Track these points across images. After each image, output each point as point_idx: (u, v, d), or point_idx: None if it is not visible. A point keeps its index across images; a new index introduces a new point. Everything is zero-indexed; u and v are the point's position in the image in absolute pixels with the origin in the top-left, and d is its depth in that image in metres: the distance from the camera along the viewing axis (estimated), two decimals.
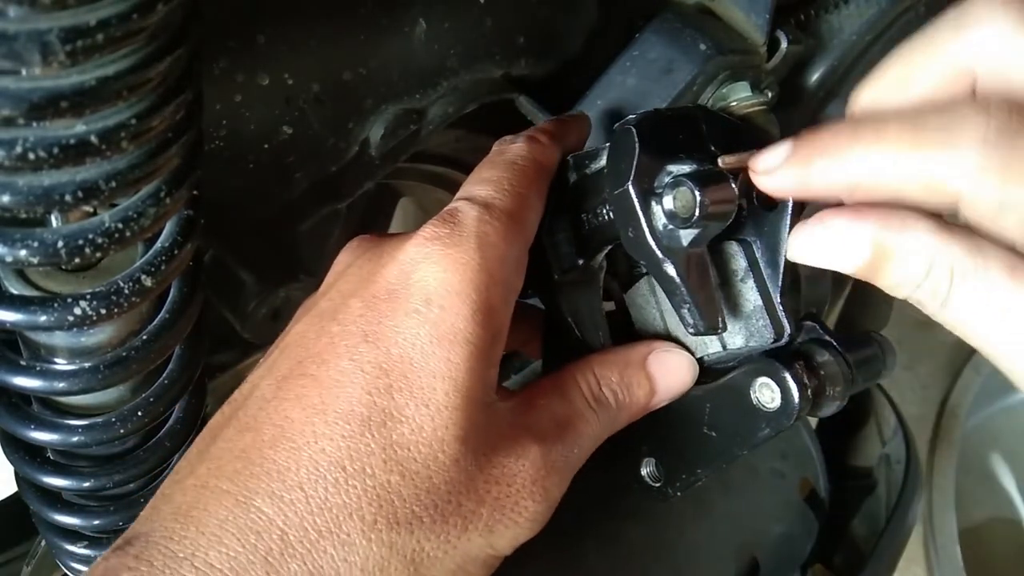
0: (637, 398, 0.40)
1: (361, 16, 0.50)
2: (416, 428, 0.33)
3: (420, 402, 0.33)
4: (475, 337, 0.34)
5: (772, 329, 0.38)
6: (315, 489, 0.31)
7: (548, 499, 0.36)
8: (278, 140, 0.49)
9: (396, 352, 0.34)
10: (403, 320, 0.34)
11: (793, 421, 0.36)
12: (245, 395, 0.36)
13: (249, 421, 0.34)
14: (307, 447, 0.32)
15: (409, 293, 0.35)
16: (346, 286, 0.37)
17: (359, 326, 0.35)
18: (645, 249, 0.36)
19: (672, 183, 0.35)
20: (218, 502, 0.31)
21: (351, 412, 0.33)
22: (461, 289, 0.35)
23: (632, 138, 0.36)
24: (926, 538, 1.43)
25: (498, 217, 0.37)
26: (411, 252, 0.36)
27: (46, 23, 0.25)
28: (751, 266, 0.38)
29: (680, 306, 0.36)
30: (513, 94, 0.58)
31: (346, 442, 0.32)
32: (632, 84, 0.55)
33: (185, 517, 0.31)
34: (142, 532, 0.31)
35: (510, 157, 0.40)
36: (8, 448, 0.44)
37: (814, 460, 0.65)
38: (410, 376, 0.33)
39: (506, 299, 0.37)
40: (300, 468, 0.32)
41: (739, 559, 0.59)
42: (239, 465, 0.32)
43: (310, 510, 0.31)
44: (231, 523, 0.31)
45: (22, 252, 0.32)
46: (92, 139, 0.29)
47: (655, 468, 0.42)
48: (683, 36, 0.54)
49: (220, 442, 0.34)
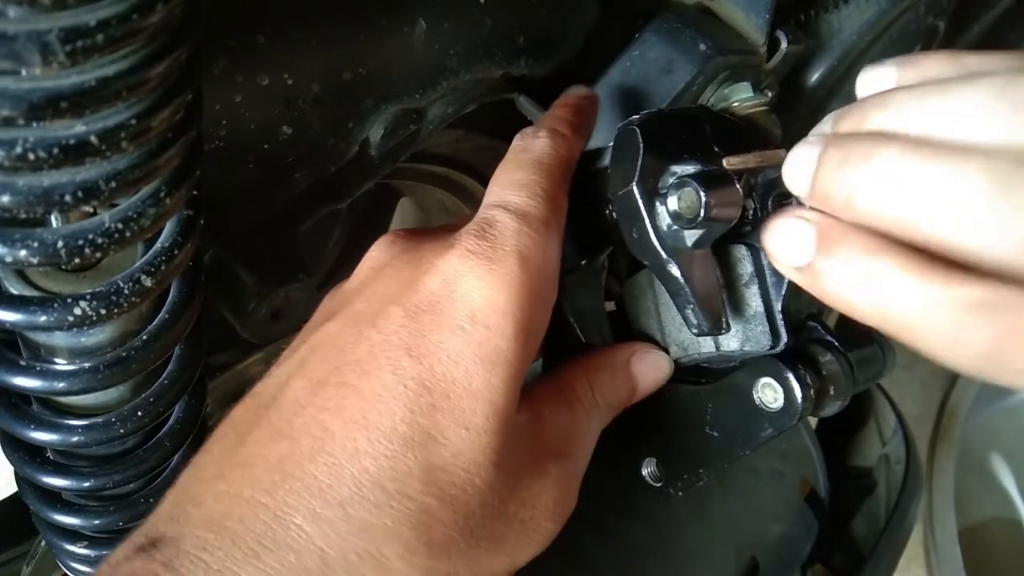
0: (621, 399, 0.40)
1: (361, 16, 0.50)
2: (456, 452, 0.32)
3: (460, 424, 0.32)
4: (516, 359, 0.34)
5: (770, 336, 0.38)
6: (356, 509, 0.30)
7: (564, 518, 0.36)
8: (278, 140, 0.49)
9: (440, 370, 0.33)
10: (447, 337, 0.33)
11: (796, 421, 0.36)
12: (273, 392, 0.35)
13: (284, 427, 0.33)
14: (348, 464, 0.31)
15: (453, 308, 0.34)
16: (384, 289, 0.36)
17: (401, 337, 0.34)
18: (649, 250, 0.36)
19: (677, 183, 0.35)
20: (255, 515, 0.30)
21: (393, 430, 0.32)
22: (507, 308, 0.34)
23: (636, 138, 0.36)
24: (926, 538, 1.42)
25: (536, 228, 0.36)
26: (454, 263, 0.35)
27: (46, 23, 0.25)
28: (757, 272, 0.38)
29: (684, 306, 0.36)
30: (513, 94, 0.58)
31: (388, 461, 0.31)
32: (632, 84, 0.55)
33: (219, 527, 0.30)
34: (170, 536, 0.30)
35: (537, 155, 0.40)
36: (8, 448, 0.44)
37: (814, 460, 0.65)
38: (452, 397, 0.32)
39: (545, 314, 0.36)
40: (342, 486, 0.31)
41: (739, 559, 0.59)
42: (276, 477, 0.31)
43: (351, 531, 0.30)
44: (269, 539, 0.30)
45: (22, 252, 0.32)
46: (92, 139, 0.29)
47: (656, 468, 0.42)
48: (683, 36, 0.54)
49: (251, 446, 0.33)
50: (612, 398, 0.40)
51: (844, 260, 0.29)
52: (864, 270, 0.28)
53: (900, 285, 0.27)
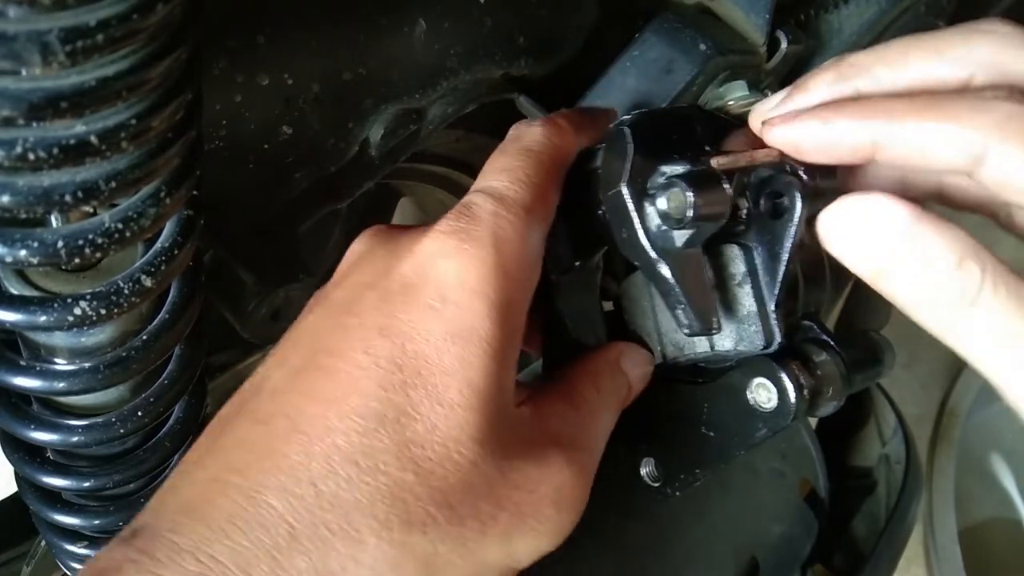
0: (621, 398, 0.40)
1: (361, 16, 0.50)
2: (430, 427, 0.32)
3: (434, 400, 0.33)
4: (490, 336, 0.34)
5: (763, 336, 0.37)
6: (327, 485, 0.31)
7: (573, 508, 0.35)
8: (278, 140, 0.49)
9: (411, 348, 0.33)
10: (419, 315, 0.34)
11: (790, 421, 0.36)
12: (256, 386, 0.35)
13: (260, 413, 0.33)
14: (320, 441, 0.31)
15: (425, 288, 0.34)
16: (361, 277, 0.37)
17: (374, 319, 0.34)
18: (639, 250, 0.36)
19: (665, 184, 0.35)
20: (226, 496, 0.31)
21: (365, 407, 0.32)
22: (477, 287, 0.34)
23: (626, 139, 0.36)
24: (926, 538, 1.42)
25: (514, 211, 0.36)
26: (428, 246, 0.35)
27: (46, 23, 0.25)
28: (750, 272, 0.38)
29: (674, 307, 0.36)
30: (513, 94, 0.58)
31: (360, 438, 0.31)
32: (632, 84, 0.55)
33: (192, 510, 0.31)
34: (148, 524, 0.31)
35: (526, 144, 0.40)
36: (8, 448, 0.44)
37: (814, 460, 0.65)
38: (424, 373, 0.33)
39: (523, 296, 0.36)
40: (312, 463, 0.31)
41: (739, 559, 0.59)
42: (250, 458, 0.32)
43: (321, 506, 0.30)
44: (239, 517, 0.30)
45: (22, 252, 0.32)
46: (92, 139, 0.29)
47: (654, 468, 0.42)
48: (683, 36, 0.54)
49: (229, 434, 0.33)
50: (614, 397, 0.40)
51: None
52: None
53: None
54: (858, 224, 0.31)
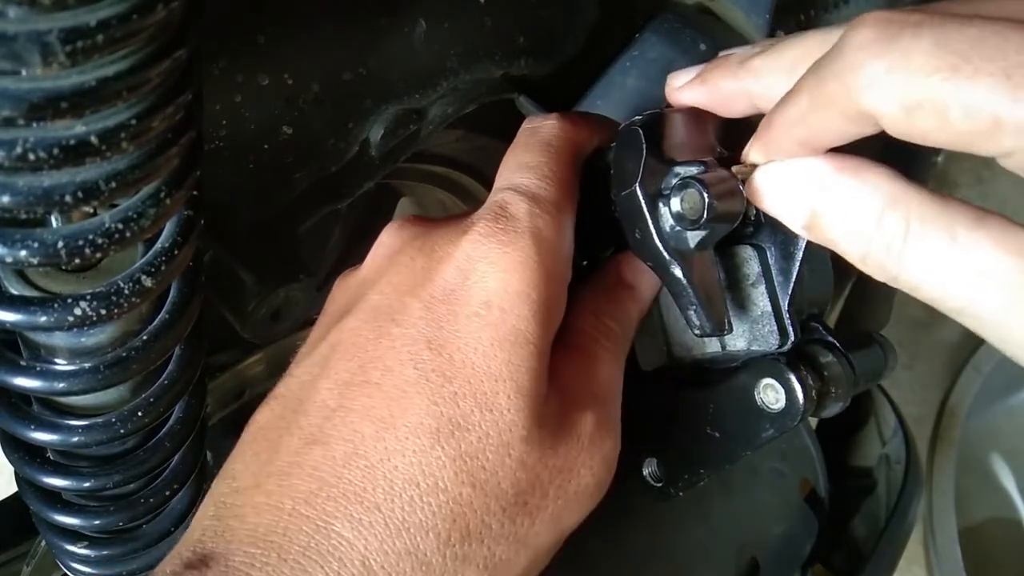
0: (629, 313, 0.40)
1: (361, 16, 0.50)
2: (483, 435, 0.32)
3: (484, 408, 0.33)
4: (535, 337, 0.34)
5: (777, 336, 0.38)
6: (391, 510, 0.31)
7: (606, 461, 0.36)
8: (278, 140, 0.49)
9: (459, 358, 0.33)
10: (464, 324, 0.34)
11: (797, 422, 0.36)
12: (298, 394, 0.35)
13: (315, 432, 0.33)
14: (380, 465, 0.32)
15: (468, 295, 0.34)
16: (399, 279, 0.36)
17: (420, 330, 0.34)
18: (652, 251, 0.36)
19: (680, 185, 0.35)
20: (297, 527, 0.31)
21: (420, 425, 0.32)
22: (521, 289, 0.34)
23: (639, 139, 0.36)
24: (926, 538, 1.42)
25: (548, 210, 0.36)
26: (468, 250, 0.35)
27: (46, 23, 0.25)
28: (763, 272, 0.38)
29: (686, 308, 0.36)
30: (513, 94, 0.58)
31: (417, 457, 0.32)
32: (632, 84, 0.55)
33: (265, 542, 0.30)
34: (218, 552, 0.31)
35: (545, 137, 0.39)
36: (8, 448, 0.44)
37: (814, 460, 0.65)
38: (473, 381, 0.33)
39: (562, 292, 0.37)
40: (376, 488, 0.31)
41: (739, 559, 0.59)
42: (314, 486, 0.32)
43: (388, 532, 0.31)
44: (313, 550, 0.30)
45: (22, 252, 0.32)
46: (92, 139, 0.29)
47: (657, 468, 0.42)
48: (683, 36, 0.54)
49: (285, 454, 0.33)
50: (620, 315, 0.40)
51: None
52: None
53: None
54: (783, 180, 0.32)
